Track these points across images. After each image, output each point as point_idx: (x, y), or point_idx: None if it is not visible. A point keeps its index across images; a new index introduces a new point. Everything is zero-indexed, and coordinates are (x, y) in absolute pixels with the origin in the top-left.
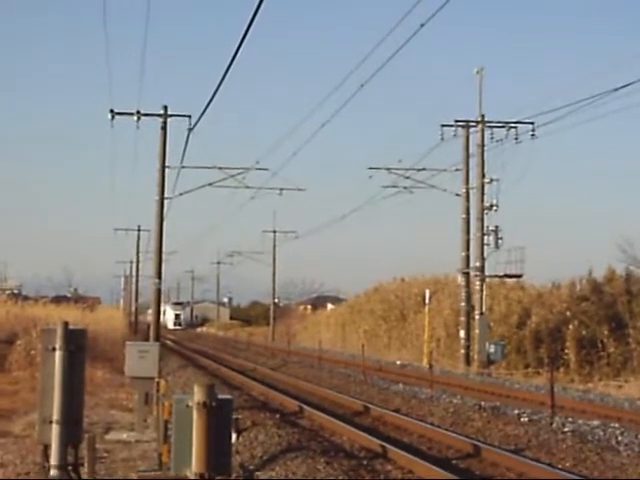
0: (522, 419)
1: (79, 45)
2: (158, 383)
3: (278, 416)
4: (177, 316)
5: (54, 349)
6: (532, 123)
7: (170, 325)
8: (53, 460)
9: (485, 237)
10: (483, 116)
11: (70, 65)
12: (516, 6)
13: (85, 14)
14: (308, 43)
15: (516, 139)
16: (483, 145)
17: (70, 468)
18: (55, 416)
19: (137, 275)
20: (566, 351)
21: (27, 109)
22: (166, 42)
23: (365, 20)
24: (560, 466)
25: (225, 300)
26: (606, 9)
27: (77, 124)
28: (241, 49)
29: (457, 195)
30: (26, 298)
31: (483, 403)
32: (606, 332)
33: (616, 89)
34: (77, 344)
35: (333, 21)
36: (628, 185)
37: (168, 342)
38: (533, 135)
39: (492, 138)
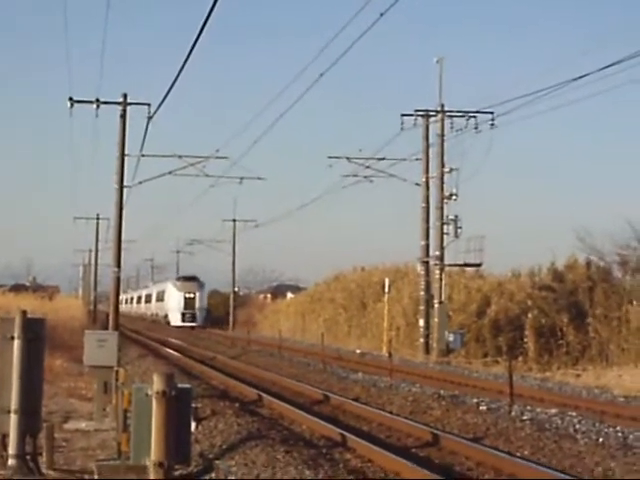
0: (481, 408)
1: (38, 31)
2: (117, 372)
3: (237, 405)
4: (189, 303)
5: (12, 338)
6: (492, 113)
7: (176, 320)
8: (11, 449)
9: (445, 226)
10: (443, 105)
11: (28, 51)
12: None
13: (44, 4)
14: (268, 31)
15: (476, 129)
16: (443, 135)
17: (28, 457)
18: (13, 406)
19: (96, 264)
20: (525, 340)
21: None
22: (126, 30)
23: (325, 8)
24: (518, 454)
25: None
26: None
27: (36, 112)
28: (201, 37)
29: (417, 184)
30: None
31: (442, 392)
32: (565, 320)
33: (575, 79)
34: (36, 333)
35: (293, 9)
36: (587, 175)
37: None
38: (492, 125)
39: (452, 128)
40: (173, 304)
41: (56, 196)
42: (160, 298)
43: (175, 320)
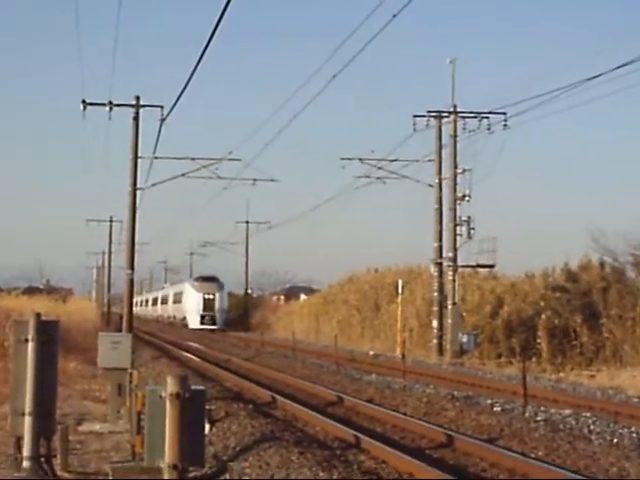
0: (495, 409)
1: (51, 35)
2: (131, 374)
3: (251, 407)
4: (208, 304)
5: (26, 340)
6: (504, 113)
7: (195, 322)
8: (25, 452)
9: (457, 227)
10: (455, 106)
11: (41, 54)
12: None
13: (56, 5)
14: (281, 33)
15: (488, 129)
16: (455, 135)
17: (43, 460)
18: (28, 408)
19: (109, 266)
20: (538, 341)
21: None
22: (138, 30)
23: (337, 10)
24: (532, 455)
25: None
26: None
27: (49, 114)
28: (213, 39)
29: (430, 186)
30: None
31: (456, 393)
32: (579, 321)
33: (588, 79)
34: (50, 335)
35: (306, 11)
36: (600, 176)
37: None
38: (505, 125)
39: (464, 128)
40: (191, 306)
41: (68, 198)
42: (177, 300)
43: (194, 323)
